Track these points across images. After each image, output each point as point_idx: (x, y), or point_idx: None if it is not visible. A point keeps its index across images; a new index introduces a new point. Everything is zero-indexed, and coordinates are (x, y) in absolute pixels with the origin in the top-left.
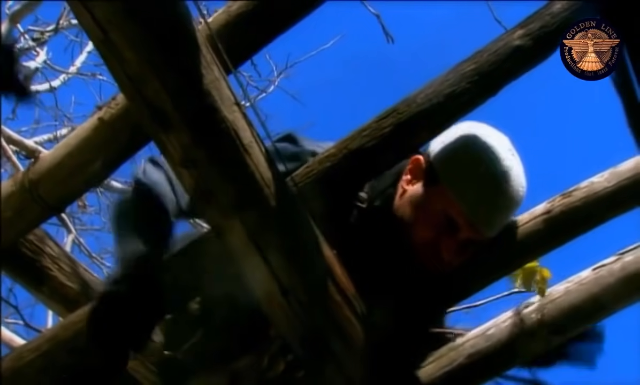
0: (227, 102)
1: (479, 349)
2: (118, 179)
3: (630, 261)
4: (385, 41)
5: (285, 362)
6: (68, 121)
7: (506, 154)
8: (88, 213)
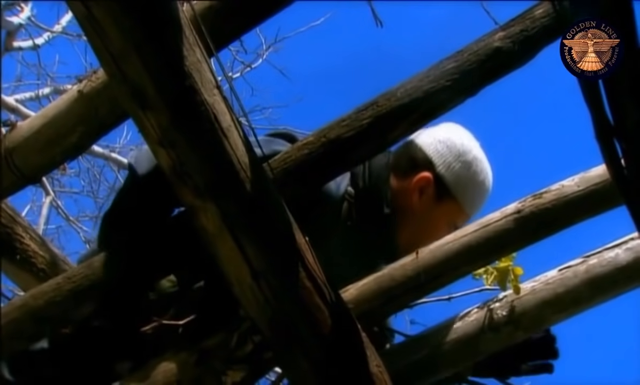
0: (207, 85)
1: (445, 341)
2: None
3: (594, 264)
4: (375, 25)
5: (253, 342)
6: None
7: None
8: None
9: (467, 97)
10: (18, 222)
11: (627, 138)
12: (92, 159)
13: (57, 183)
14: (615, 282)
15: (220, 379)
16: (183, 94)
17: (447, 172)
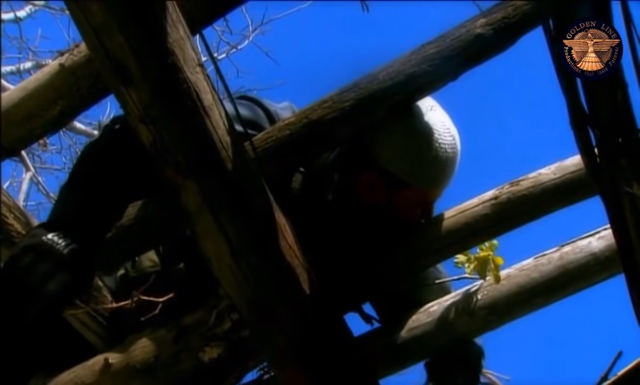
0: (190, 63)
1: (419, 324)
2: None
3: (568, 251)
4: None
5: (231, 320)
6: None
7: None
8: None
9: (448, 82)
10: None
11: (601, 126)
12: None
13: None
14: (588, 269)
15: (197, 355)
16: (165, 71)
17: (390, 164)
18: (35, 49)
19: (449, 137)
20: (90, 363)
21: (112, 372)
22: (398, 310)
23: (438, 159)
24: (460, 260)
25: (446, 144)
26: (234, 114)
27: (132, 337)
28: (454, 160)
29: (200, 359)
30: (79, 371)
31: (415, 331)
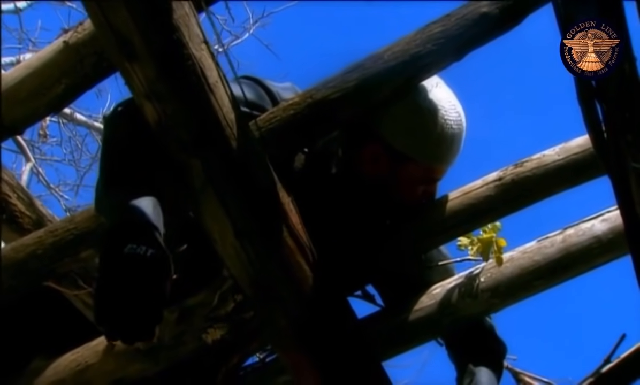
0: (195, 39)
1: (422, 306)
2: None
3: (571, 234)
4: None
5: (234, 301)
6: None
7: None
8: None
9: (453, 62)
10: (4, 180)
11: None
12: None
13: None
14: (591, 250)
15: (200, 337)
16: (170, 47)
17: (394, 139)
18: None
19: (455, 113)
20: (94, 344)
21: (115, 353)
22: (401, 293)
23: (443, 135)
24: (463, 242)
25: (452, 119)
26: (238, 94)
27: None
28: (459, 137)
29: (203, 340)
30: (82, 352)
31: (418, 313)
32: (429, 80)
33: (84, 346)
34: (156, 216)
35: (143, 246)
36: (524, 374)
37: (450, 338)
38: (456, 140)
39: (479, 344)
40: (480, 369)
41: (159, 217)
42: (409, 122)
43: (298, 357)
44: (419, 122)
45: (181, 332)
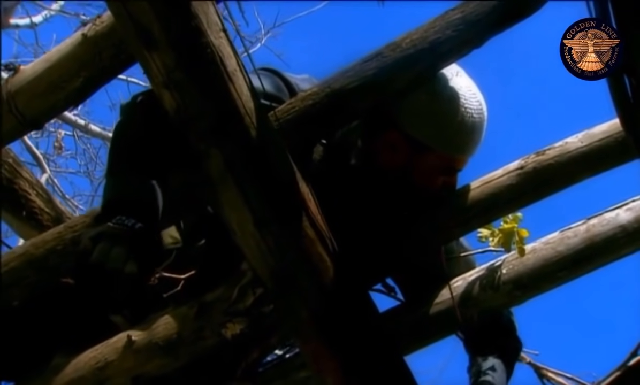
0: (214, 27)
1: (443, 299)
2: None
3: (594, 224)
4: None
5: (254, 295)
6: None
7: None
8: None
9: (473, 49)
10: (23, 176)
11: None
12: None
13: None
14: (616, 240)
15: (220, 331)
16: (189, 35)
17: (413, 128)
18: None
19: (476, 102)
20: (113, 340)
21: (134, 349)
22: (421, 287)
23: (464, 124)
24: (484, 234)
25: (472, 108)
26: (257, 86)
27: (154, 315)
28: (480, 126)
29: (222, 334)
30: (102, 349)
31: (439, 307)
32: (449, 68)
33: (104, 343)
34: (154, 197)
35: (132, 219)
36: (547, 369)
37: (468, 331)
38: (477, 130)
39: (493, 339)
40: (489, 359)
41: (159, 199)
42: (428, 111)
43: (318, 348)
44: (439, 111)
45: (200, 327)
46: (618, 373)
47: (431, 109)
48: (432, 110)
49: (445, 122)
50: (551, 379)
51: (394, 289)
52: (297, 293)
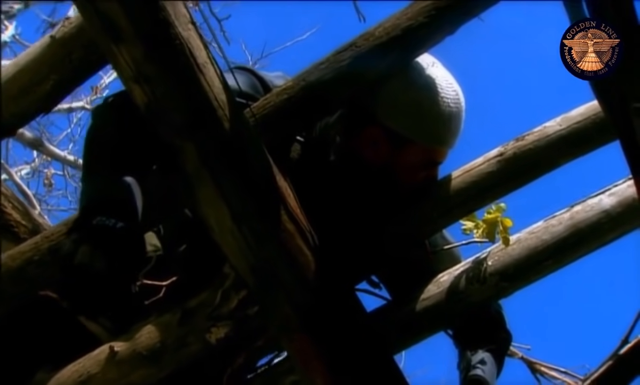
0: (182, 19)
1: (430, 295)
2: None
3: (578, 210)
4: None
5: (237, 298)
6: None
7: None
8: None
9: (446, 35)
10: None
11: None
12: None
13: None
14: (600, 226)
15: (204, 337)
16: (157, 27)
17: (392, 120)
18: None
19: (452, 92)
20: (96, 353)
21: (117, 361)
22: (407, 284)
23: (442, 114)
24: (468, 226)
25: (449, 98)
26: (232, 85)
27: (137, 325)
28: (458, 116)
29: (207, 340)
30: (84, 362)
31: (426, 302)
32: (424, 59)
33: (86, 356)
34: (132, 195)
35: (113, 219)
36: (540, 363)
37: (455, 326)
38: (454, 120)
39: (481, 332)
40: (478, 352)
41: (137, 197)
42: (406, 102)
43: (304, 346)
44: (416, 101)
45: (184, 334)
46: (610, 362)
47: (409, 99)
48: (410, 101)
49: (423, 112)
50: (544, 373)
51: (379, 284)
52: (279, 288)
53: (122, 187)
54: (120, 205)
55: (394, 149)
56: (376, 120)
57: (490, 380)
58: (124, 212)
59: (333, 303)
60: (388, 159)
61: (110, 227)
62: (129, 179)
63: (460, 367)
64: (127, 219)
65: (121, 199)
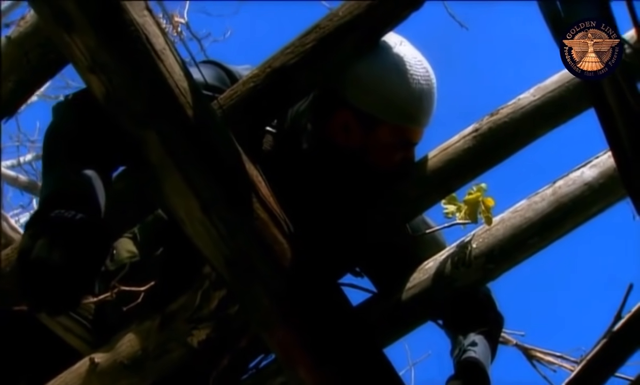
0: (136, 6)
1: (416, 283)
2: None
3: (561, 185)
4: None
5: (218, 297)
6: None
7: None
8: None
9: (411, 11)
10: None
11: None
12: None
13: None
14: (583, 199)
15: (186, 340)
16: (109, 12)
17: (362, 102)
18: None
19: (422, 69)
20: (76, 366)
21: (99, 372)
22: (393, 273)
23: (412, 92)
24: (450, 210)
25: (419, 75)
26: (199, 78)
27: (117, 335)
28: (429, 94)
29: (189, 344)
30: (65, 376)
31: (412, 291)
32: (392, 39)
33: (67, 370)
34: (92, 187)
35: (72, 211)
36: (535, 349)
37: (445, 313)
38: (426, 98)
39: (471, 315)
40: (469, 335)
41: (99, 190)
42: (374, 81)
43: (286, 337)
44: (384, 79)
45: (165, 339)
46: (605, 340)
47: (377, 79)
48: (378, 80)
49: (393, 90)
50: (540, 359)
51: (361, 273)
52: (255, 279)
53: (81, 179)
54: (80, 197)
55: (366, 132)
56: (346, 104)
57: (484, 361)
58: (83, 204)
59: (313, 292)
60: (361, 142)
61: (68, 219)
62: (90, 172)
63: (453, 354)
64: (87, 210)
65: (80, 191)
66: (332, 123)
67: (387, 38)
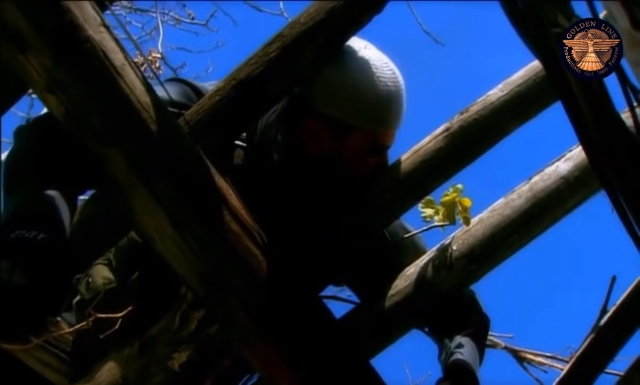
0: (92, 21)
1: (398, 290)
2: None
3: (536, 180)
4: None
5: (197, 318)
6: None
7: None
8: None
9: (373, 15)
10: None
11: None
12: None
13: None
14: (559, 193)
15: (166, 364)
16: (63, 30)
17: (330, 108)
18: None
19: (389, 71)
20: None
21: None
22: (374, 283)
23: (379, 94)
24: (427, 213)
25: (386, 77)
26: (163, 95)
27: (96, 365)
28: (397, 96)
29: (170, 367)
30: None
31: (395, 298)
32: (356, 43)
33: None
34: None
35: (33, 231)
36: (524, 351)
37: (429, 319)
38: (394, 100)
39: (456, 318)
40: (455, 338)
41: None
42: (341, 86)
43: (266, 353)
44: (351, 84)
45: (145, 365)
46: (592, 336)
47: (344, 83)
48: (345, 85)
49: (360, 94)
50: (531, 360)
51: (342, 284)
52: (230, 294)
53: (43, 200)
54: (41, 218)
55: (337, 138)
56: (315, 111)
57: (472, 362)
58: (45, 224)
59: (292, 305)
60: (333, 149)
61: (29, 240)
62: (53, 192)
63: (441, 358)
64: (49, 230)
65: (42, 211)
66: (302, 132)
67: (352, 42)
